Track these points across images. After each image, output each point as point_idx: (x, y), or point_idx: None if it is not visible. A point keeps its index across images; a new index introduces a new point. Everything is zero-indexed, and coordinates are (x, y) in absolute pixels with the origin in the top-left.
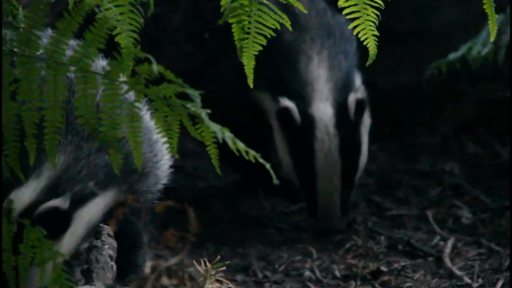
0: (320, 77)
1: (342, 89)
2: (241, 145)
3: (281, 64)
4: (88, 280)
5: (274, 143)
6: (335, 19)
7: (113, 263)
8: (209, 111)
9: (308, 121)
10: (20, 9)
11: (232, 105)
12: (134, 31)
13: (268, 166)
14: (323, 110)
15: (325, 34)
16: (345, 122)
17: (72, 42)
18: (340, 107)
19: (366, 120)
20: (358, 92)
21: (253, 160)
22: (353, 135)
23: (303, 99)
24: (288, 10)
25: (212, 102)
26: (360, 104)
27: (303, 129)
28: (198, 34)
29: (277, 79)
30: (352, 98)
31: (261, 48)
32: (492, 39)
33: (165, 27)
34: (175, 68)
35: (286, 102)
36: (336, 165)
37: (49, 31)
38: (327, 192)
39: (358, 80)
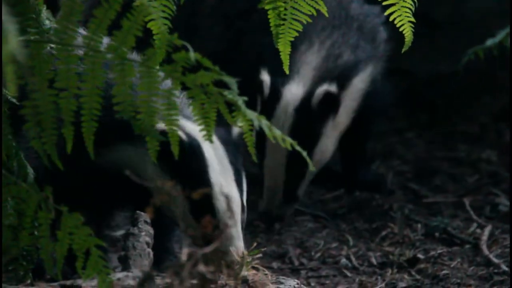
0: (309, 64)
1: (327, 80)
2: (278, 133)
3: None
4: (125, 267)
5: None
6: (358, 11)
7: (150, 250)
8: (246, 98)
9: (275, 97)
10: (44, 7)
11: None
12: (167, 18)
13: (304, 154)
14: (293, 91)
15: (338, 24)
16: (309, 109)
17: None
18: (310, 95)
19: (340, 118)
20: (332, 86)
21: (289, 148)
22: (312, 124)
23: (284, 78)
24: None
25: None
26: (329, 97)
27: (267, 104)
28: (227, 16)
29: (274, 57)
30: (321, 90)
31: (297, 34)
32: None
33: (197, 12)
34: (206, 50)
35: (264, 76)
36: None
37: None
38: (272, 172)
39: (362, 74)
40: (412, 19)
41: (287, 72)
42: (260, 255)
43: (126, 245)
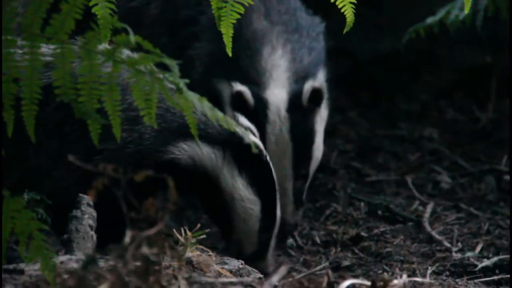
0: (280, 67)
1: (300, 79)
2: (220, 114)
3: (244, 52)
4: (69, 250)
5: None
6: (305, 19)
7: (93, 232)
8: (187, 81)
9: (261, 104)
10: None
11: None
12: (110, 1)
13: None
14: (277, 95)
15: (291, 30)
16: (299, 108)
17: None
18: (295, 94)
19: (323, 112)
20: (316, 81)
21: (232, 130)
22: (306, 122)
23: (259, 85)
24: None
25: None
26: (316, 93)
27: (255, 113)
28: (172, 25)
29: (236, 66)
30: (308, 86)
31: (239, 16)
32: (467, 10)
33: (140, 21)
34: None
35: (239, 86)
36: (287, 148)
37: None
38: (280, 180)
39: (321, 76)
40: (353, 0)
41: (230, 55)
42: (204, 236)
43: (69, 228)
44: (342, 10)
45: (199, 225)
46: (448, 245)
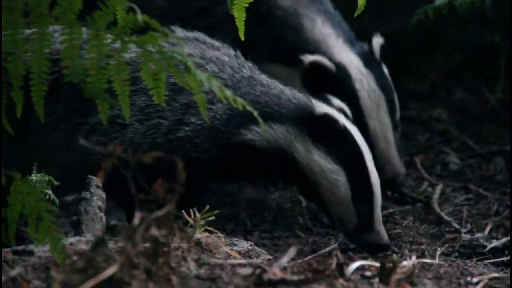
0: (330, 34)
1: (348, 42)
2: (229, 93)
3: (285, 31)
4: (78, 231)
5: None
6: None
7: (102, 214)
8: (196, 59)
9: (339, 67)
10: None
11: None
12: None
13: (255, 113)
14: (348, 56)
15: (318, 4)
16: (373, 63)
17: None
18: (362, 53)
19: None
20: (379, 39)
21: (240, 107)
22: (383, 74)
23: (323, 55)
24: None
25: None
26: (383, 48)
27: (337, 77)
28: (183, 16)
29: (286, 45)
30: (377, 42)
31: (251, 0)
32: None
33: (149, 12)
34: None
35: (311, 57)
36: (381, 99)
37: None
38: (380, 133)
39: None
40: None
41: (243, 38)
42: (213, 217)
43: (78, 210)
44: None
45: (208, 207)
46: (457, 226)
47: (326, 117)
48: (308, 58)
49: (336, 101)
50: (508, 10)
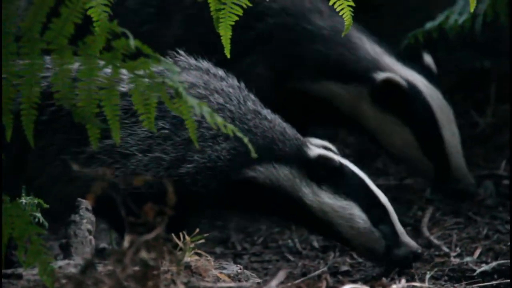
0: (383, 53)
1: (396, 57)
2: (219, 119)
3: (335, 49)
4: (67, 254)
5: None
6: None
7: (91, 237)
8: (186, 85)
9: (409, 83)
10: None
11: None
12: (107, 5)
13: (246, 140)
14: (410, 73)
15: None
16: (431, 78)
17: None
18: (417, 69)
19: None
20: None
21: (231, 134)
22: (440, 88)
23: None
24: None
25: None
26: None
27: (408, 94)
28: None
29: (337, 63)
30: (428, 59)
31: (237, 18)
32: (472, 9)
33: (159, 44)
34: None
35: (385, 74)
36: (449, 111)
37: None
38: (454, 145)
39: None
40: (352, 3)
41: (229, 56)
42: (202, 240)
43: (68, 233)
44: (340, 13)
45: (197, 230)
46: (447, 250)
47: (322, 158)
48: (381, 75)
49: (318, 141)
50: (498, 34)
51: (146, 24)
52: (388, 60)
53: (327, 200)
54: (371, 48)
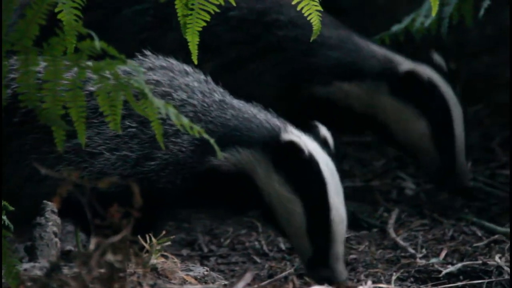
0: (389, 52)
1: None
2: (185, 121)
3: (347, 53)
4: (32, 257)
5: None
6: None
7: (57, 239)
8: (151, 87)
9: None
10: None
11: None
12: (76, 8)
13: (212, 141)
14: (424, 69)
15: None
16: (442, 75)
17: None
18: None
19: None
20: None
21: (197, 135)
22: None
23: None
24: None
25: None
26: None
27: (428, 88)
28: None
29: (353, 63)
30: (438, 57)
31: (204, 24)
32: (434, 13)
33: (160, 50)
34: None
35: (407, 66)
36: (460, 110)
37: None
38: (462, 142)
39: None
40: (320, 8)
41: (196, 63)
42: (169, 242)
43: (33, 235)
44: (308, 18)
45: (164, 232)
46: (413, 251)
47: (291, 145)
48: (404, 67)
49: (323, 130)
50: (463, 36)
51: (145, 31)
52: (398, 58)
53: (276, 185)
54: (379, 49)
